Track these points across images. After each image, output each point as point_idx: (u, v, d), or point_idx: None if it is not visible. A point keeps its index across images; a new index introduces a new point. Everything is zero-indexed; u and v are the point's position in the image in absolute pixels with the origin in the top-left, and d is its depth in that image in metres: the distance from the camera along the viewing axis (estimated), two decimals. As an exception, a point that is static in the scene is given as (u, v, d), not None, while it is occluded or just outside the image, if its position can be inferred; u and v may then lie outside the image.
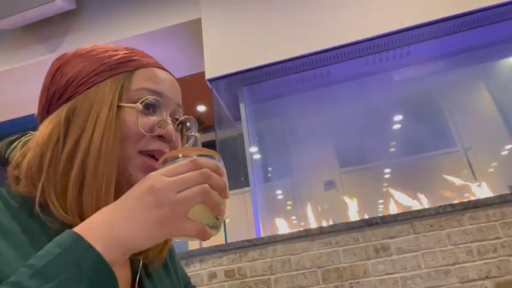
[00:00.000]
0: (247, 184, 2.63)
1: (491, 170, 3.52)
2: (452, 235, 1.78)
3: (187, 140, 0.55)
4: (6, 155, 0.50)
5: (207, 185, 0.37)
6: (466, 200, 1.86)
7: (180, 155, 0.41)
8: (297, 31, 2.70)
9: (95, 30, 3.19)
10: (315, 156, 3.76)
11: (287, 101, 3.32)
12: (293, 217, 3.53)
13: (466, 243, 1.76)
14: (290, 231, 2.17)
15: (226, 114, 3.06)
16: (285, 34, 2.71)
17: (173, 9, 3.06)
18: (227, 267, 1.97)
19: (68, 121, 0.45)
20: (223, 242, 2.16)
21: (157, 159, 0.46)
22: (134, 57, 0.51)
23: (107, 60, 0.49)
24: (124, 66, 0.49)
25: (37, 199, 0.42)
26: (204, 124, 6.15)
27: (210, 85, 2.80)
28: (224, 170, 0.42)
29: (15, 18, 3.03)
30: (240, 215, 2.98)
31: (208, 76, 2.76)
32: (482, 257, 1.72)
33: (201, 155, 0.41)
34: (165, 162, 0.41)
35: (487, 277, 1.68)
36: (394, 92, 3.52)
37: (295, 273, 1.88)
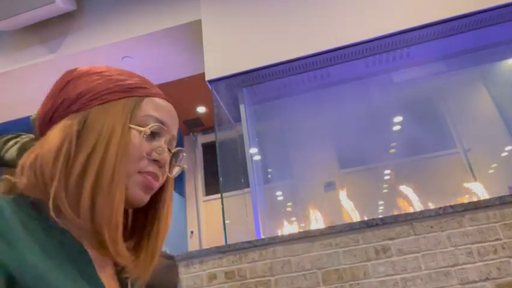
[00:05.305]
0: (247, 185, 2.63)
1: (491, 171, 3.52)
2: (452, 236, 1.78)
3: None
4: (1, 154, 0.51)
5: None
6: (466, 201, 1.86)
7: None
8: (297, 33, 2.70)
9: (95, 31, 3.19)
10: (315, 158, 3.76)
11: (287, 102, 3.32)
12: (293, 218, 3.53)
13: (466, 244, 1.76)
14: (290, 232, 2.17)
15: (226, 116, 3.07)
16: (285, 36, 2.72)
17: (173, 11, 3.06)
18: (227, 268, 1.96)
19: (79, 133, 0.48)
20: (223, 243, 2.16)
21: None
22: (145, 86, 0.55)
23: (121, 82, 0.53)
24: (136, 91, 0.53)
25: (51, 203, 0.44)
26: (204, 125, 6.15)
27: (210, 86, 2.81)
28: None
29: (16, 19, 3.03)
30: (240, 216, 2.98)
31: (208, 77, 2.76)
32: (483, 258, 1.72)
33: None
34: None
35: (487, 278, 1.68)
36: (394, 94, 3.52)
37: (295, 274, 1.88)
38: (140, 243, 0.54)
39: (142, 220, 0.55)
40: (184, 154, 0.58)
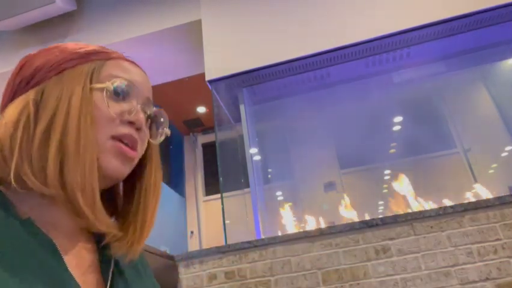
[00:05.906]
0: (247, 185, 2.63)
1: (491, 171, 3.52)
2: (452, 236, 1.78)
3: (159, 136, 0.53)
4: None
5: None
6: (466, 202, 1.86)
7: None
8: (297, 33, 2.70)
9: (95, 31, 3.19)
10: (315, 158, 3.76)
11: (287, 103, 3.32)
12: (293, 218, 3.53)
13: (466, 244, 1.76)
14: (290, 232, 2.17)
15: (226, 116, 3.07)
16: (285, 36, 2.72)
17: (173, 11, 3.06)
18: (227, 268, 1.97)
19: (37, 103, 0.44)
20: (223, 243, 2.16)
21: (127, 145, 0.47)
22: (106, 51, 0.51)
23: (77, 50, 0.49)
24: (96, 55, 0.49)
25: (12, 176, 0.41)
26: (204, 125, 6.16)
27: (210, 86, 2.81)
28: None
29: (16, 19, 3.03)
30: (240, 216, 2.98)
31: (208, 77, 2.76)
32: (483, 258, 1.72)
33: None
34: None
35: (487, 278, 1.68)
36: (394, 94, 3.52)
37: (295, 274, 1.88)
38: (128, 218, 0.50)
39: (130, 196, 0.51)
40: (165, 116, 0.52)
